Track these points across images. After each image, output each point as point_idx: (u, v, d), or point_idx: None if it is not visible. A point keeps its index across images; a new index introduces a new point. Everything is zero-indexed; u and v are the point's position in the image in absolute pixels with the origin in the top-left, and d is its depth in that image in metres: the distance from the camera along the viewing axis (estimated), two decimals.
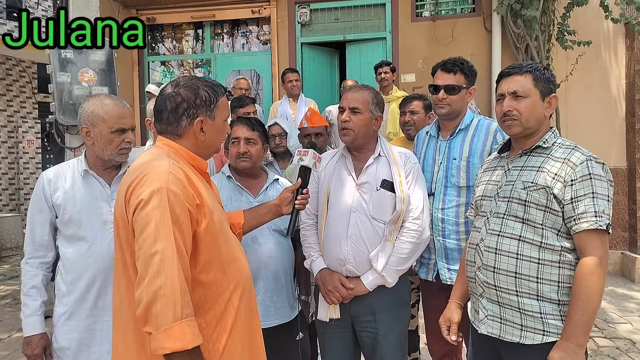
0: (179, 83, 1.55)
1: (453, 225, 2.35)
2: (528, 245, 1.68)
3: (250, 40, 7.26)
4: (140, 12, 7.07)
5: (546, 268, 1.66)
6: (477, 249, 1.84)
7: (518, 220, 1.71)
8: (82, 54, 4.02)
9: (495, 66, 5.99)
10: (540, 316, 1.66)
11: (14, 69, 8.84)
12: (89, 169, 2.03)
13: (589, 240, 1.59)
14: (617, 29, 5.92)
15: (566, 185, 1.63)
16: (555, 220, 1.65)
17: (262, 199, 2.30)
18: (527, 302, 1.68)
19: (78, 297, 1.96)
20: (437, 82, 2.41)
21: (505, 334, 1.72)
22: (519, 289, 1.69)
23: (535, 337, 1.66)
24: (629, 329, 4.12)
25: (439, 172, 2.40)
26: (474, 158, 2.34)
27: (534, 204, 1.68)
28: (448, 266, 2.37)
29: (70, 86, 4.00)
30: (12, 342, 4.07)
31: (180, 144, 1.55)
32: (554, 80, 1.80)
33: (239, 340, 1.52)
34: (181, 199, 1.38)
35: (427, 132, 2.59)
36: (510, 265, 1.70)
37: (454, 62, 2.40)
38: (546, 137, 1.76)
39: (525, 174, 1.73)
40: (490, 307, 1.78)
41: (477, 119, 2.45)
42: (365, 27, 6.66)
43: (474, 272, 1.85)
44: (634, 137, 5.79)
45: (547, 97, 1.76)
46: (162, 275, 1.29)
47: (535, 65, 1.79)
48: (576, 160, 1.65)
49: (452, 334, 1.94)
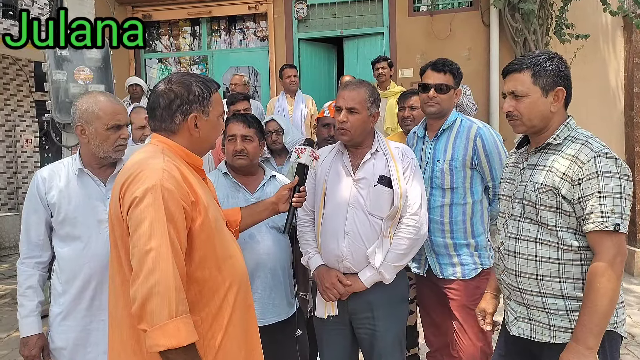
0: (171, 79, 1.55)
1: (438, 224, 2.39)
2: (546, 247, 1.65)
3: (247, 37, 7.24)
4: (136, 9, 7.04)
5: (567, 267, 1.62)
6: (499, 252, 1.83)
7: (533, 222, 1.69)
8: (77, 52, 4.01)
9: (494, 60, 5.98)
10: (566, 314, 1.63)
11: (10, 67, 8.80)
12: (83, 168, 2.01)
13: (599, 241, 1.55)
14: (615, 22, 5.91)
15: (574, 185, 1.58)
16: (569, 220, 1.61)
17: (259, 195, 2.29)
18: (552, 301, 1.65)
19: (74, 297, 1.95)
20: (427, 81, 2.42)
21: (536, 334, 1.70)
22: (542, 290, 1.66)
23: (564, 336, 1.63)
24: (629, 322, 4.12)
25: (425, 173, 2.42)
26: (456, 162, 2.36)
27: (545, 206, 1.64)
28: (438, 261, 2.42)
29: (66, 84, 3.99)
30: (11, 341, 4.06)
31: (175, 140, 1.54)
32: (561, 71, 1.67)
33: (234, 337, 1.52)
34: (176, 196, 1.38)
35: (414, 133, 2.61)
36: (531, 267, 1.68)
37: (444, 62, 2.42)
38: (557, 133, 1.68)
39: (537, 174, 1.69)
40: (518, 308, 1.77)
41: (459, 118, 2.45)
42: (362, 22, 6.64)
43: (499, 275, 1.84)
44: (633, 131, 5.78)
45: (551, 92, 1.66)
46: (156, 272, 1.28)
47: (537, 58, 1.68)
48: (584, 157, 1.58)
49: (487, 324, 1.96)
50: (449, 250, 2.38)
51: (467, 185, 2.36)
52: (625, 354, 3.51)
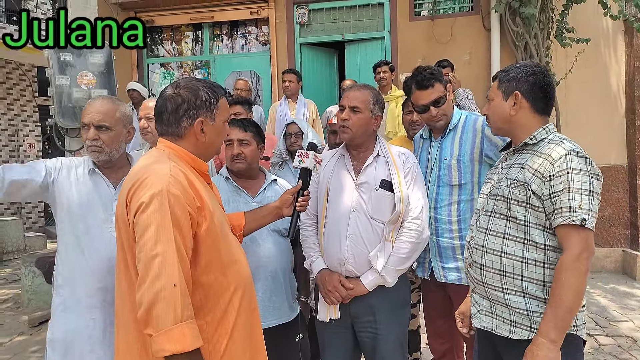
0: (179, 84, 1.57)
1: (446, 223, 2.37)
2: (512, 243, 1.70)
3: (249, 42, 7.27)
4: (138, 15, 7.07)
5: (530, 267, 1.67)
6: (469, 246, 1.89)
7: (503, 217, 1.74)
8: (81, 56, 4.03)
9: (495, 64, 5.99)
10: (526, 313, 1.68)
11: (14, 72, 8.85)
12: (95, 168, 2.04)
13: (566, 236, 1.59)
14: (616, 26, 5.92)
15: (545, 181, 1.63)
16: (538, 216, 1.66)
17: (260, 199, 2.30)
18: (514, 298, 1.70)
19: (72, 291, 1.96)
20: (420, 102, 2.39)
21: (497, 327, 1.76)
22: (504, 285, 1.72)
23: (522, 333, 1.68)
24: (631, 326, 4.11)
25: (432, 172, 2.42)
26: (464, 157, 2.36)
27: (515, 200, 1.70)
28: (442, 264, 2.39)
29: (69, 89, 4.00)
30: (14, 345, 4.06)
31: (181, 145, 1.56)
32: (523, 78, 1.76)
33: (239, 341, 1.53)
34: (182, 202, 1.39)
35: (420, 135, 2.62)
36: (495, 263, 1.73)
37: (424, 77, 2.34)
38: (534, 134, 1.76)
39: (512, 171, 1.76)
40: (481, 302, 1.83)
41: (463, 115, 2.46)
42: (363, 26, 6.66)
43: (467, 268, 1.90)
44: (635, 134, 5.78)
45: (510, 96, 1.77)
46: (162, 277, 1.29)
47: (509, 67, 1.83)
48: (556, 155, 1.64)
49: (465, 327, 1.98)
50: (455, 252, 2.36)
51: (475, 180, 2.36)
52: (627, 359, 3.50)
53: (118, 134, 2.02)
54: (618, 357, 3.54)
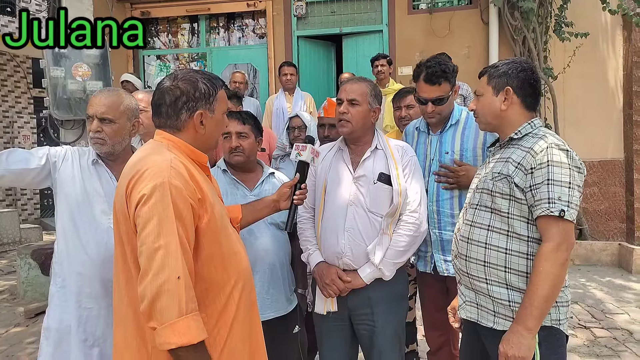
0: (177, 76, 1.54)
1: (448, 217, 2.36)
2: (496, 235, 1.73)
3: (246, 34, 7.22)
4: (134, 6, 7.02)
5: (514, 258, 1.69)
6: (455, 238, 1.92)
7: (487, 210, 1.77)
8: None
9: (493, 58, 5.98)
10: (509, 304, 1.70)
11: (8, 64, 8.78)
12: (98, 159, 2.04)
13: (546, 227, 1.62)
14: (614, 21, 5.91)
15: (527, 173, 1.66)
16: (522, 208, 1.68)
17: (257, 192, 2.29)
18: (497, 290, 1.73)
19: (69, 280, 1.95)
20: (423, 95, 2.34)
21: (482, 318, 1.78)
22: (488, 277, 1.74)
23: (505, 324, 1.70)
24: (627, 319, 4.13)
25: (432, 166, 2.40)
26: (467, 152, 2.36)
27: (499, 193, 1.72)
28: (444, 258, 2.39)
29: (64, 81, 3.98)
30: (10, 337, 4.06)
31: (180, 137, 1.54)
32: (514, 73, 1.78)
33: (239, 334, 1.52)
34: (183, 194, 1.38)
35: (415, 127, 2.58)
36: (480, 254, 1.76)
37: (435, 73, 2.27)
38: (520, 129, 1.78)
39: (497, 165, 1.78)
40: (467, 293, 1.86)
41: (465, 112, 2.44)
42: (361, 19, 6.63)
43: (453, 259, 1.94)
44: (632, 129, 5.80)
45: (501, 91, 1.78)
46: (166, 270, 1.28)
47: (498, 63, 1.84)
48: (538, 148, 1.67)
49: (456, 322, 2.00)
50: None
51: None
52: (623, 351, 3.53)
53: (122, 126, 2.01)
54: (614, 349, 3.56)
